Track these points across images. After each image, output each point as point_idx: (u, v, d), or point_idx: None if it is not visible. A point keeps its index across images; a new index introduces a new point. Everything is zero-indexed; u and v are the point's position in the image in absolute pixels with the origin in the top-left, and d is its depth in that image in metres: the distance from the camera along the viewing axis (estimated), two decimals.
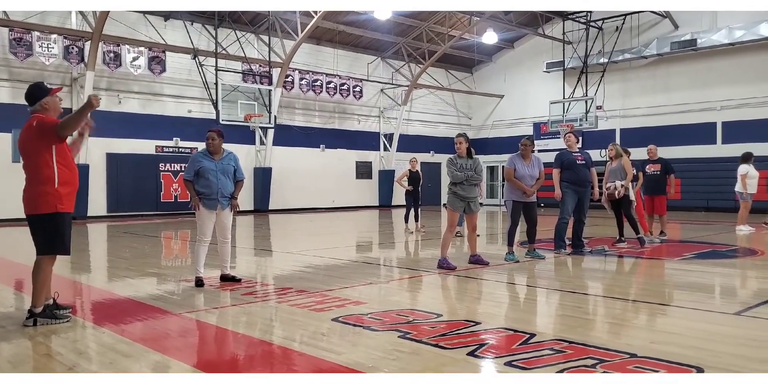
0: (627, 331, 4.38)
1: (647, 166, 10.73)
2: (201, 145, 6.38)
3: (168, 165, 19.19)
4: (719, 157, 19.90)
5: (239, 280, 6.31)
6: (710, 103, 20.73)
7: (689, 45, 20.53)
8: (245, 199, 20.47)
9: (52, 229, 4.41)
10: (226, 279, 6.30)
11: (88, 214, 17.14)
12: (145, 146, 18.72)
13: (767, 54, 19.42)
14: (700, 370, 3.28)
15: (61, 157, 4.45)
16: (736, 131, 20.10)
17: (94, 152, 17.27)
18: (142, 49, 17.75)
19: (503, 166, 8.12)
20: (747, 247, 9.78)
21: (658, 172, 10.68)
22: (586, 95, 22.24)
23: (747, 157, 12.37)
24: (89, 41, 16.42)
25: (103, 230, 14.21)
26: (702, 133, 20.91)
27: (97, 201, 17.68)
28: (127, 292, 5.87)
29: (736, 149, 17.03)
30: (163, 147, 19.20)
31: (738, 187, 12.37)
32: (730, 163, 18.88)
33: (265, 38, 19.95)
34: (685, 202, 19.75)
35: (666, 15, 21.39)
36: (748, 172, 12.22)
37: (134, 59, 17.62)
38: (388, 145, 25.28)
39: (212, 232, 6.22)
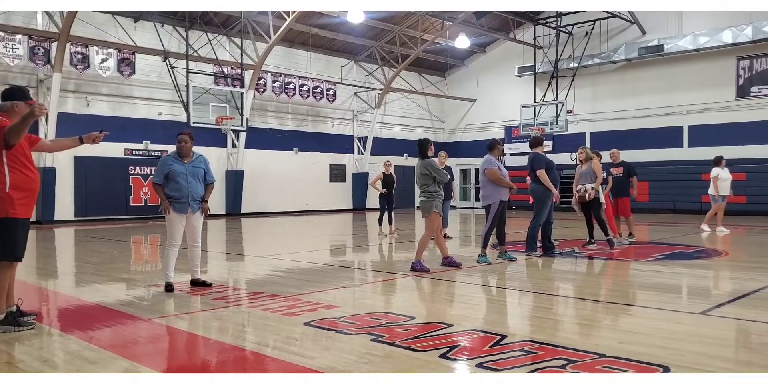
0: (596, 331, 4.45)
1: (610, 169, 10.92)
2: (172, 148, 6.29)
3: (138, 168, 18.89)
4: (686, 160, 20.34)
5: (210, 285, 6.24)
6: (677, 108, 21.19)
7: (656, 50, 20.97)
8: (217, 202, 20.26)
9: (3, 235, 4.26)
10: (196, 284, 6.22)
11: (55, 219, 16.77)
12: (114, 149, 18.40)
13: (730, 60, 19.93)
14: (666, 369, 3.34)
15: (14, 160, 4.29)
16: (701, 135, 20.58)
17: (61, 155, 16.90)
18: (111, 50, 17.46)
19: (484, 169, 8.04)
20: (712, 248, 10.01)
21: (621, 175, 10.88)
22: (557, 99, 22.55)
23: (718, 161, 12.74)
24: (56, 42, 16.10)
25: (70, 235, 13.92)
26: (669, 136, 21.36)
27: (65, 205, 17.32)
28: (95, 297, 5.76)
29: (701, 152, 17.54)
30: (132, 150, 18.90)
31: (710, 190, 12.71)
32: (696, 165, 19.41)
33: (238, 41, 19.80)
34: (652, 205, 20.14)
35: (634, 21, 21.81)
36: (719, 174, 12.57)
37: (103, 61, 17.32)
38: (362, 148, 25.28)
39: (182, 236, 6.15)
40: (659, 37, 21.08)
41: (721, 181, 12.58)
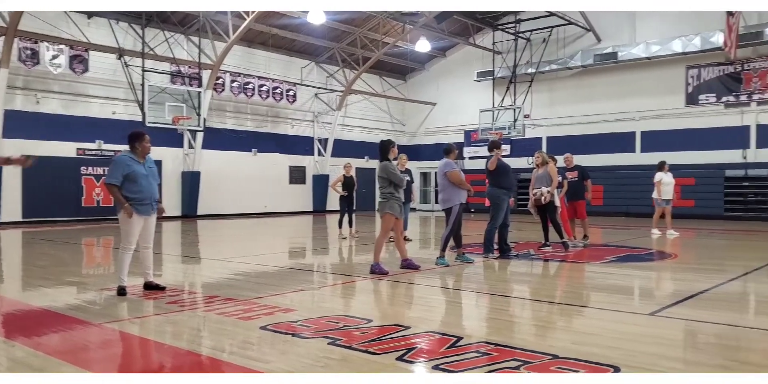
0: (551, 332, 4.53)
1: (566, 173, 11.09)
2: (126, 148, 6.11)
3: (90, 168, 18.36)
4: (638, 165, 20.92)
5: (164, 289, 6.10)
6: (630, 114, 21.79)
7: (611, 58, 21.54)
8: (172, 203, 19.87)
9: None
10: (150, 287, 6.08)
11: (2, 220, 16.16)
12: (66, 149, 17.85)
13: (680, 68, 20.61)
14: (617, 369, 3.42)
15: None
16: (653, 140, 21.23)
17: (8, 154, 16.29)
18: (62, 47, 16.93)
19: (444, 172, 8.11)
20: (662, 251, 10.32)
21: (576, 179, 11.10)
22: (515, 104, 22.92)
23: (661, 166, 13.23)
24: (3, 37, 15.52)
25: (17, 237, 13.42)
26: (623, 141, 21.95)
27: (12, 206, 16.69)
28: (43, 302, 5.57)
29: (653, 157, 18.01)
30: (85, 150, 18.37)
31: (654, 194, 13.18)
32: (648, 170, 19.95)
33: (196, 39, 19.47)
34: (606, 208, 20.64)
35: (590, 29, 22.35)
36: (661, 179, 13.03)
37: (54, 57, 16.78)
38: (322, 150, 25.17)
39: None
40: (614, 44, 21.66)
41: (664, 185, 13.05)
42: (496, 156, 8.71)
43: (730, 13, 16.97)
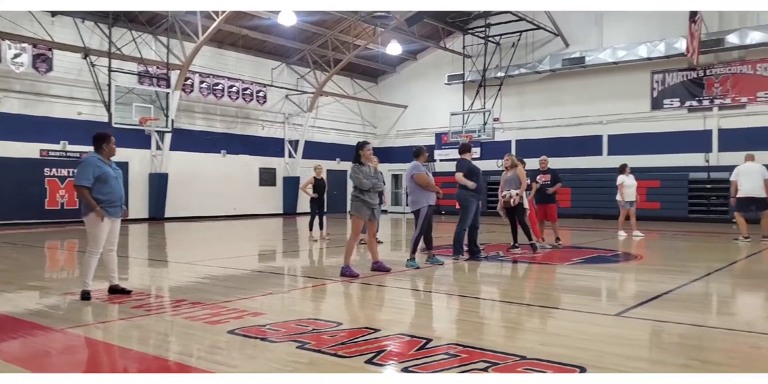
0: (519, 334, 4.57)
1: (538, 176, 11.22)
2: (91, 149, 5.98)
3: (54, 170, 17.93)
4: (605, 168, 21.26)
5: (129, 292, 5.99)
6: (597, 117, 22.17)
7: (578, 62, 21.89)
8: (139, 206, 19.55)
9: None
10: (115, 291, 5.96)
11: None
12: (29, 150, 17.40)
13: (645, 73, 21.06)
14: (583, 369, 3.47)
15: None
16: (619, 144, 21.63)
17: None
18: (25, 45, 16.49)
19: (411, 175, 8.16)
20: (628, 252, 10.52)
21: (549, 182, 11.24)
22: (484, 107, 23.12)
23: (622, 168, 13.54)
24: None
25: None
26: (590, 145, 22.32)
27: None
28: (4, 307, 5.41)
29: (619, 160, 18.23)
30: (49, 151, 17.93)
31: (617, 196, 13.44)
32: (614, 173, 20.32)
33: (164, 39, 19.19)
34: (574, 210, 20.95)
35: (558, 33, 22.68)
36: (623, 181, 13.32)
37: (16, 56, 16.34)
38: (293, 152, 25.02)
39: None
40: (581, 49, 22.02)
41: (626, 187, 13.33)
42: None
43: (692, 20, 17.41)
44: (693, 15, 17.49)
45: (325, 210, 13.09)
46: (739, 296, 6.51)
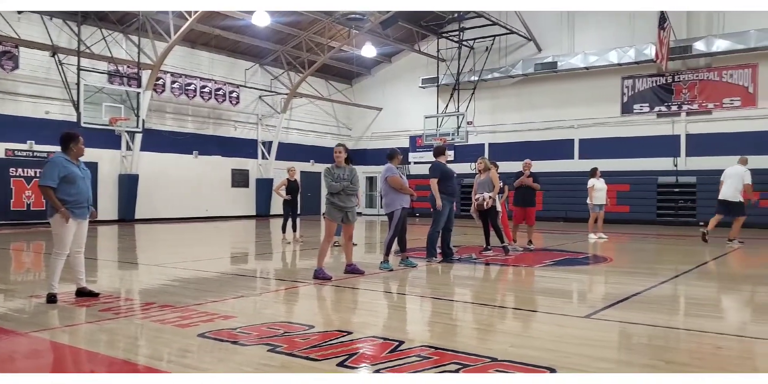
0: (490, 335, 4.61)
1: (521, 179, 11.13)
2: (59, 149, 5.87)
3: (20, 170, 17.52)
4: (576, 172, 21.57)
5: (97, 295, 5.88)
6: (569, 122, 22.49)
7: (550, 67, 22.18)
8: (108, 207, 19.21)
9: None
10: (82, 293, 5.85)
11: None
12: None
13: (616, 79, 21.45)
14: (552, 370, 3.51)
15: None
16: (590, 148, 21.97)
17: None
18: None
19: (385, 177, 8.18)
20: (598, 255, 10.68)
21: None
22: (458, 111, 23.27)
23: (593, 172, 13.77)
24: None
25: None
26: (562, 148, 22.62)
27: None
28: None
29: (590, 164, 18.58)
30: (15, 150, 17.52)
31: (588, 199, 13.66)
32: (585, 177, 20.62)
33: (135, 38, 18.91)
34: (546, 213, 21.16)
35: (531, 38, 22.96)
36: (594, 185, 13.53)
37: None
38: (266, 153, 24.85)
39: None
40: (554, 54, 22.31)
41: (597, 191, 13.54)
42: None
43: (661, 27, 17.77)
44: (662, 22, 17.86)
45: (299, 212, 13.02)
46: (705, 298, 6.66)
